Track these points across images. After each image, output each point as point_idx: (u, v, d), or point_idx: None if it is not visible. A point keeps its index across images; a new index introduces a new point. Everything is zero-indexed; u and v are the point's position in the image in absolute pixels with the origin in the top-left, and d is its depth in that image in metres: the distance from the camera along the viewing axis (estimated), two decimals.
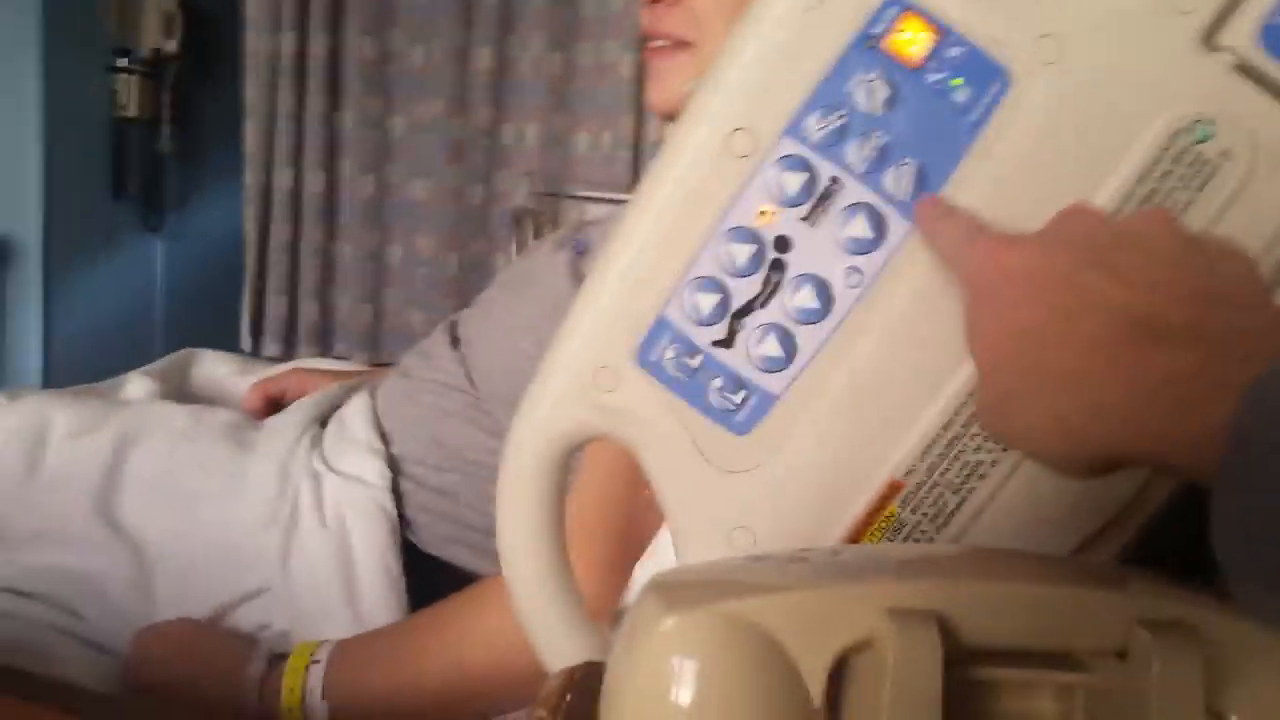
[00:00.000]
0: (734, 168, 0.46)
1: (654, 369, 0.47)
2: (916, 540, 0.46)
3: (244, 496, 0.85)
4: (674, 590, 0.31)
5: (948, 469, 0.46)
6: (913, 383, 0.45)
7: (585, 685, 0.44)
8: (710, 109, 0.46)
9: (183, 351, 1.17)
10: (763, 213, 0.46)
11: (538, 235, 2.01)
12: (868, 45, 0.44)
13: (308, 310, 2.36)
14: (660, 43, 0.76)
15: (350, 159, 2.34)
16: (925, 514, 0.46)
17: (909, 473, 0.46)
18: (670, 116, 0.76)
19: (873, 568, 0.35)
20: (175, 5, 2.56)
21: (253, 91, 2.35)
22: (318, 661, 0.74)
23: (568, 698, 0.45)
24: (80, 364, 2.41)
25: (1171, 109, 0.44)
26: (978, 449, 0.45)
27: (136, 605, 0.81)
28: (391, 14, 2.32)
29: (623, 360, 0.47)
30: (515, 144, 2.31)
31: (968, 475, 0.46)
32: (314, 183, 2.33)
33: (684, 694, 0.28)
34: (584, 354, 0.48)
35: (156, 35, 2.56)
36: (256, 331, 2.40)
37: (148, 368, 1.11)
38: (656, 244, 0.47)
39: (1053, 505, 0.45)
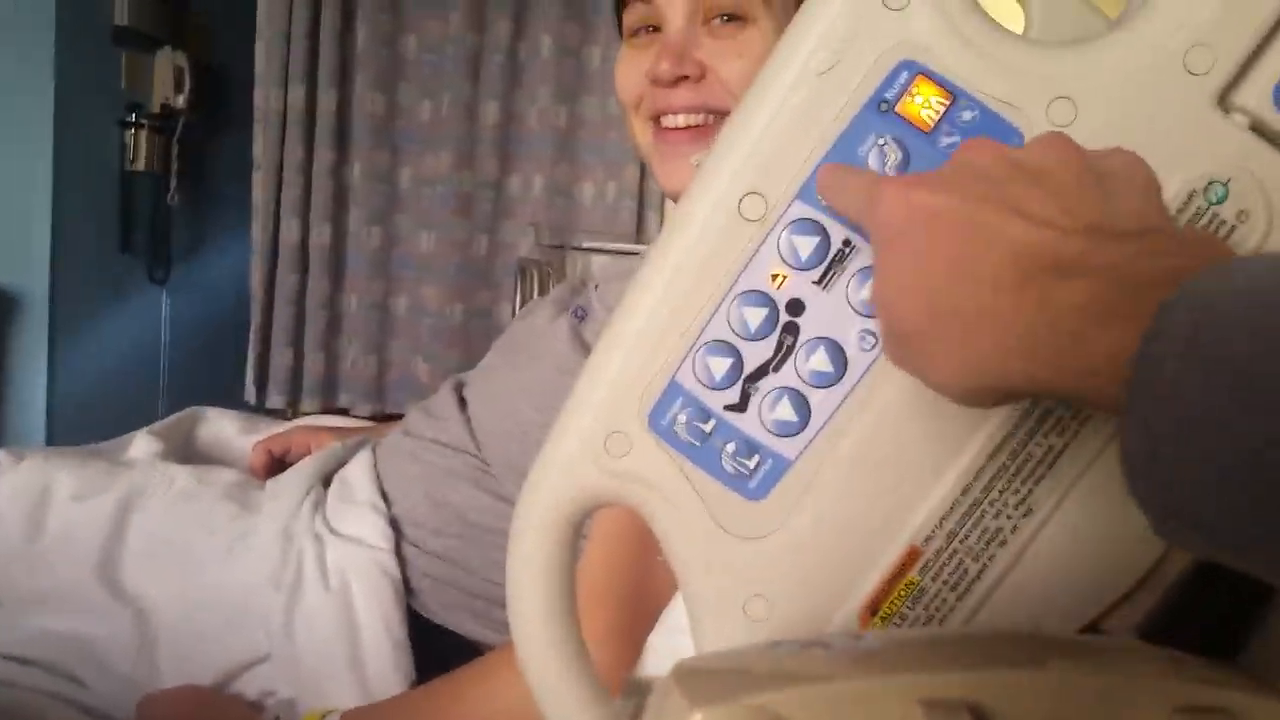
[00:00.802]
0: (746, 231, 0.45)
1: (666, 434, 0.46)
2: (938, 609, 0.45)
3: (247, 559, 0.84)
4: (699, 681, 0.30)
5: (968, 535, 0.45)
6: (929, 448, 0.44)
7: None
8: (722, 172, 0.45)
9: (187, 410, 1.16)
10: (775, 276, 0.45)
11: (542, 286, 2.01)
12: (881, 109, 0.44)
13: (313, 362, 2.36)
14: (681, 120, 0.76)
15: (357, 211, 2.37)
16: (946, 581, 0.45)
17: (928, 539, 0.45)
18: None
19: (901, 656, 0.34)
20: (185, 60, 2.60)
21: (261, 145, 2.37)
22: None
23: None
24: (84, 415, 2.41)
25: (1187, 170, 0.43)
26: (998, 514, 0.44)
27: (140, 672, 0.80)
28: (400, 69, 2.35)
29: (635, 425, 0.47)
30: (521, 195, 2.34)
31: (988, 542, 0.45)
32: (321, 235, 2.35)
33: None
34: (596, 418, 0.47)
35: (166, 90, 2.60)
36: (261, 383, 2.40)
37: (153, 426, 1.10)
38: (668, 307, 0.46)
39: (1076, 572, 0.44)
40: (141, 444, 1.03)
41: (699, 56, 0.75)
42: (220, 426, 1.15)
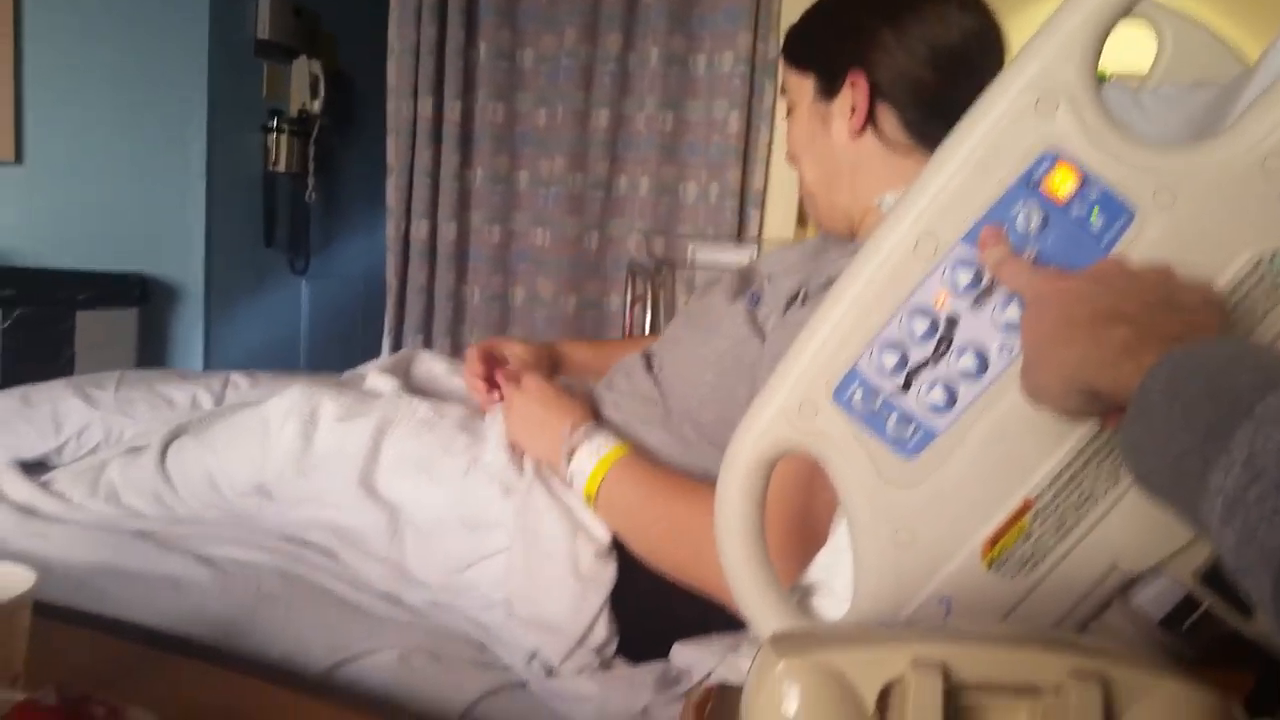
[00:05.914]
0: (920, 262, 0.61)
1: (846, 405, 0.62)
2: (1039, 547, 0.61)
3: (480, 475, 1.00)
4: (784, 644, 0.48)
5: (1070, 494, 0.60)
6: (1045, 430, 0.59)
7: (723, 698, 0.60)
8: (906, 217, 0.61)
9: (404, 351, 1.38)
10: (938, 297, 0.61)
11: (651, 285, 2.17)
12: (1029, 185, 0.59)
13: (440, 346, 2.53)
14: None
15: (479, 211, 2.53)
16: (1049, 527, 0.60)
17: (1039, 495, 0.60)
18: (821, 227, 1.08)
19: (922, 633, 0.51)
20: (320, 69, 2.81)
21: (394, 151, 2.52)
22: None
23: (709, 707, 0.60)
24: None
25: (1256, 245, 0.57)
26: (1093, 480, 0.59)
27: (390, 556, 0.98)
28: (518, 80, 2.50)
29: (823, 397, 0.62)
30: (629, 194, 2.47)
31: (1084, 500, 0.60)
32: (447, 232, 2.52)
33: (790, 708, 0.45)
34: (793, 390, 0.63)
35: (303, 96, 2.81)
36: None
37: (380, 362, 1.30)
38: (856, 314, 0.61)
39: (1145, 526, 0.59)
40: (378, 378, 1.21)
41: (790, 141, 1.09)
42: (430, 367, 1.33)
